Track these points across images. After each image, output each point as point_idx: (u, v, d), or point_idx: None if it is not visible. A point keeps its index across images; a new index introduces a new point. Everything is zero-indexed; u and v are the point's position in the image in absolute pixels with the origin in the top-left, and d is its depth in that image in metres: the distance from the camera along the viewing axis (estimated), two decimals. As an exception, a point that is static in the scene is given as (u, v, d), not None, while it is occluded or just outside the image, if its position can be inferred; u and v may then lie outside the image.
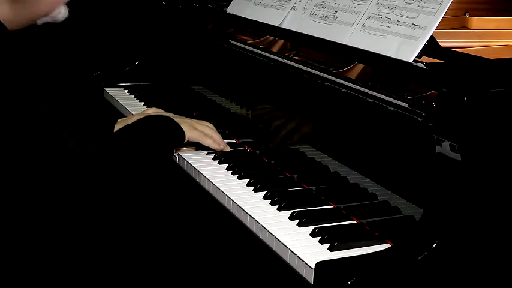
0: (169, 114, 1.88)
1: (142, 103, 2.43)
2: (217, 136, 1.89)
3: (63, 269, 1.82)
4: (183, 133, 1.81)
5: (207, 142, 1.87)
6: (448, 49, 1.63)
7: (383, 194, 1.50)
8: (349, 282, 1.20)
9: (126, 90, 2.58)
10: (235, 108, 2.08)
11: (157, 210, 2.33)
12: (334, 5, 1.81)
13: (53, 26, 1.70)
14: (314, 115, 1.73)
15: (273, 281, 1.52)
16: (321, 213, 1.53)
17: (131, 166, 1.68)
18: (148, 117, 1.85)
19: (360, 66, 1.68)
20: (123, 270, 2.15)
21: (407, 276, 1.24)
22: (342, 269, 1.23)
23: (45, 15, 1.65)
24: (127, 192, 2.11)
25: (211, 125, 1.92)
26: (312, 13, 1.87)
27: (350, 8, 1.76)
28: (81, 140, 1.55)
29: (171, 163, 1.94)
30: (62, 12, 1.67)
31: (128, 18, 2.98)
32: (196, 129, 1.85)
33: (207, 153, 1.91)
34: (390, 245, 1.38)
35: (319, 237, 1.41)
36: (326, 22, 1.81)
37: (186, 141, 1.83)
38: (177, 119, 1.84)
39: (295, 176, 1.73)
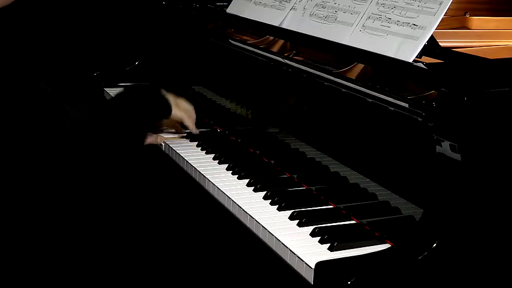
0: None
1: (142, 103, 2.42)
2: (194, 115, 2.00)
3: (56, 266, 1.82)
4: (169, 107, 1.90)
5: (189, 123, 1.97)
6: (448, 49, 1.63)
7: (383, 194, 1.50)
8: (349, 282, 1.20)
9: (126, 90, 2.58)
10: (235, 108, 2.08)
11: (157, 210, 2.33)
12: (334, 5, 1.81)
13: (52, 26, 1.69)
14: (314, 115, 1.73)
15: (273, 281, 1.52)
16: (321, 213, 1.53)
17: (122, 128, 1.76)
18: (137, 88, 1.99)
19: (360, 66, 1.68)
20: (124, 270, 2.15)
21: (407, 276, 1.24)
22: (342, 269, 1.23)
23: None
24: (126, 192, 2.11)
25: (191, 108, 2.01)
26: (312, 13, 1.87)
27: (350, 8, 1.76)
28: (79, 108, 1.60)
29: (170, 162, 1.94)
30: None
31: (128, 18, 2.98)
32: (179, 107, 1.94)
33: (206, 153, 1.91)
34: (390, 245, 1.38)
35: (319, 237, 1.41)
36: (326, 22, 1.81)
37: (171, 115, 1.92)
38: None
39: (295, 176, 1.73)
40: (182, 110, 1.95)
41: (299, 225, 1.48)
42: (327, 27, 1.79)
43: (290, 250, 1.37)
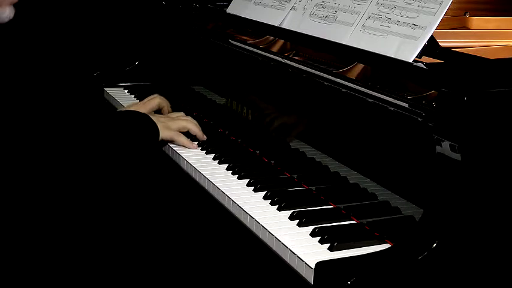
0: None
1: (142, 103, 2.42)
2: (195, 128, 1.96)
3: (55, 266, 1.83)
4: (157, 131, 1.87)
5: (181, 141, 1.93)
6: (448, 49, 1.63)
7: (383, 194, 1.50)
8: (349, 282, 1.20)
9: (126, 90, 2.58)
10: (235, 108, 2.08)
11: (157, 210, 2.33)
12: (334, 5, 1.81)
13: (52, 26, 1.70)
14: (314, 115, 1.73)
15: (273, 281, 1.52)
16: (321, 213, 1.53)
17: (107, 152, 1.76)
18: (126, 112, 1.94)
19: (360, 66, 1.68)
20: (124, 269, 2.15)
21: (407, 276, 1.25)
22: (342, 269, 1.23)
23: None
24: (126, 192, 2.11)
25: (188, 118, 1.99)
26: (312, 13, 1.87)
27: (350, 8, 1.76)
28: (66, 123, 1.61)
29: (170, 162, 1.94)
30: (6, 13, 1.62)
31: (128, 18, 2.98)
32: (169, 128, 1.91)
33: (206, 153, 1.91)
34: (390, 245, 1.38)
35: (319, 237, 1.41)
36: (326, 22, 1.81)
37: (160, 139, 1.89)
38: (154, 117, 1.91)
39: (295, 176, 1.73)
40: (173, 129, 1.92)
41: (299, 225, 1.48)
42: (327, 27, 1.79)
43: (290, 250, 1.37)
